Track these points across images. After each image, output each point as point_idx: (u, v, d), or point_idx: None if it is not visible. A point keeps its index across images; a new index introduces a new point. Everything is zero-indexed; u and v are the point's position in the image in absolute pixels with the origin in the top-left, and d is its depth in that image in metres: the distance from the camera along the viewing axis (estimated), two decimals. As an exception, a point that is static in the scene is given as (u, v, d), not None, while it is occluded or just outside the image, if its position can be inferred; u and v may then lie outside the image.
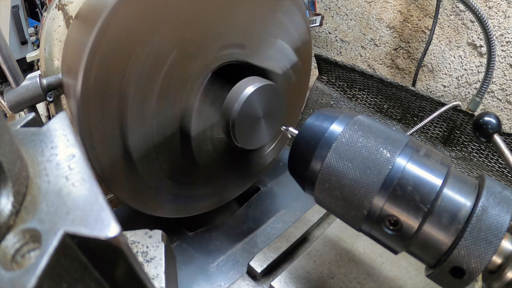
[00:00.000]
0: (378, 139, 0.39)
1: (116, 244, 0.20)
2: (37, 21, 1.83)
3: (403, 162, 0.37)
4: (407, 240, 0.37)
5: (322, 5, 1.46)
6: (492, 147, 0.84)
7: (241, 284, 0.58)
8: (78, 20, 0.54)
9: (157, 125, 0.52)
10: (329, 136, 0.41)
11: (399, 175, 0.36)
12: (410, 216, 0.36)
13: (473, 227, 0.33)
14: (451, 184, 0.37)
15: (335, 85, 1.15)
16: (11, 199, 0.20)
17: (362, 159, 0.38)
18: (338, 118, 0.43)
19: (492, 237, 0.33)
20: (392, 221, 0.37)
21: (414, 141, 0.41)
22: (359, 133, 0.40)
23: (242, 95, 0.53)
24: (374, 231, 0.40)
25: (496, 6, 1.01)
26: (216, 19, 0.53)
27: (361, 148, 0.39)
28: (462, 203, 0.35)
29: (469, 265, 0.34)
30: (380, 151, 0.38)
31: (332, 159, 0.40)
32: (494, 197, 0.35)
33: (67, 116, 0.27)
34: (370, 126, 0.41)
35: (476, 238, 0.33)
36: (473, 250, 0.33)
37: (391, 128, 0.42)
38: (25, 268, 0.18)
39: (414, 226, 0.36)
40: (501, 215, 0.34)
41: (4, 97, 0.53)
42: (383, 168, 0.37)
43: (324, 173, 0.41)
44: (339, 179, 0.39)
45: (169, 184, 0.58)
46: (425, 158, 0.38)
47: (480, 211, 0.34)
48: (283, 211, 0.75)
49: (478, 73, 1.11)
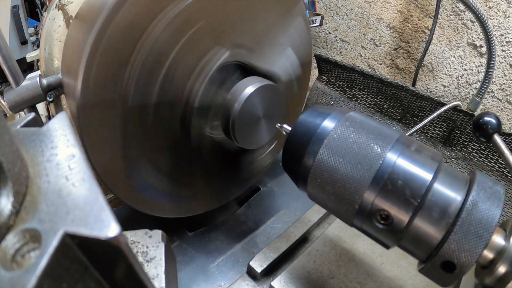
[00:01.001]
0: (369, 134, 0.40)
1: (116, 244, 0.20)
2: (37, 21, 1.83)
3: (393, 157, 0.38)
4: (398, 234, 0.37)
5: (322, 5, 1.46)
6: (492, 147, 0.84)
7: (241, 284, 0.58)
8: (78, 20, 0.54)
9: (157, 124, 0.52)
10: (321, 132, 0.42)
11: (390, 170, 0.37)
12: (401, 210, 0.36)
13: (463, 221, 0.34)
14: (442, 179, 0.37)
15: (335, 85, 1.15)
16: (11, 199, 0.20)
17: (353, 154, 0.39)
18: (330, 115, 0.43)
19: (482, 231, 0.33)
20: (383, 216, 0.37)
21: (405, 137, 0.41)
22: (350, 129, 0.41)
23: (242, 95, 0.53)
24: (366, 225, 0.40)
25: (496, 6, 1.01)
26: (220, 18, 0.53)
27: (352, 144, 0.40)
28: (452, 198, 0.35)
29: (460, 259, 0.34)
30: (371, 146, 0.39)
31: (324, 154, 0.40)
32: (485, 191, 0.35)
33: (67, 116, 0.27)
34: (362, 122, 0.42)
35: (466, 232, 0.33)
36: (463, 244, 0.33)
37: (383, 125, 0.43)
38: (25, 268, 0.18)
39: (405, 220, 0.36)
40: (492, 210, 0.34)
41: (4, 97, 0.53)
42: (374, 163, 0.38)
43: (316, 169, 0.41)
44: (331, 174, 0.40)
45: (169, 184, 0.58)
46: (415, 153, 0.38)
47: (470, 205, 0.34)
48: (283, 211, 0.75)
49: (478, 73, 1.11)
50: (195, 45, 0.52)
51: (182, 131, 0.56)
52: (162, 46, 0.48)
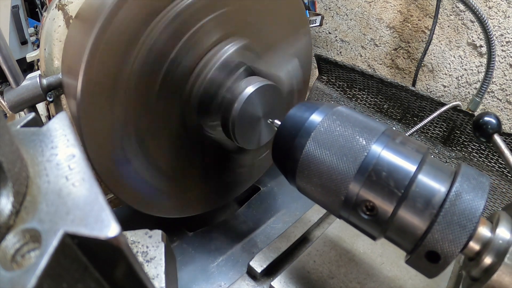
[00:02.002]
0: (355, 128, 0.41)
1: (116, 244, 0.20)
2: (37, 21, 1.83)
3: (378, 149, 0.38)
4: (383, 225, 0.38)
5: (322, 5, 1.46)
6: (492, 147, 0.84)
7: (241, 284, 0.58)
8: (78, 20, 0.54)
9: (157, 124, 0.52)
10: (309, 126, 0.43)
11: (374, 161, 0.38)
12: (385, 200, 0.37)
13: (446, 212, 0.34)
14: (426, 170, 0.37)
15: (335, 85, 1.15)
16: (11, 199, 0.20)
17: (339, 146, 0.40)
18: (318, 109, 0.44)
19: (465, 221, 0.34)
20: (368, 207, 0.38)
21: (391, 130, 0.42)
22: (337, 123, 0.42)
23: (242, 94, 0.53)
24: (352, 217, 0.41)
25: (496, 6, 1.01)
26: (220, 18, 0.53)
27: (338, 137, 0.40)
28: (436, 189, 0.36)
29: (443, 249, 0.34)
30: (357, 139, 0.40)
31: (311, 147, 0.41)
32: (469, 183, 0.36)
33: (67, 116, 0.27)
34: (348, 116, 0.43)
35: (449, 222, 0.34)
36: (447, 234, 0.34)
37: (369, 118, 0.43)
38: (25, 268, 0.18)
39: (389, 211, 0.37)
40: (475, 200, 0.34)
41: (4, 97, 0.53)
42: (359, 155, 0.38)
43: (303, 161, 0.42)
44: (317, 166, 0.41)
45: (168, 184, 0.58)
46: (400, 145, 0.39)
47: (454, 196, 0.35)
48: (283, 211, 0.75)
49: (478, 73, 1.11)
50: (196, 44, 0.52)
51: (182, 131, 0.56)
52: (162, 45, 0.48)
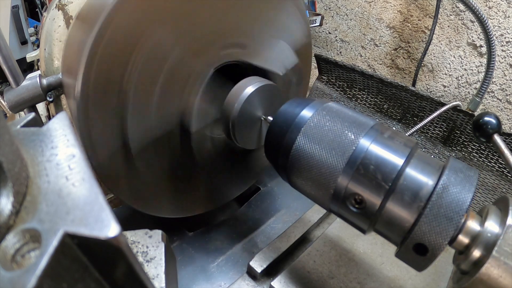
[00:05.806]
0: (344, 122, 0.41)
1: (116, 244, 0.20)
2: (37, 21, 1.83)
3: (366, 143, 0.39)
4: (372, 217, 0.38)
5: (322, 5, 1.46)
6: (492, 147, 0.84)
7: (241, 284, 0.58)
8: (78, 20, 0.54)
9: (157, 125, 0.52)
10: (299, 121, 0.43)
11: (363, 155, 0.38)
12: (373, 193, 0.37)
13: (433, 204, 0.34)
14: (414, 164, 0.38)
15: (335, 85, 1.15)
16: (11, 199, 0.20)
17: (329, 141, 0.40)
18: (309, 105, 0.45)
19: (452, 213, 0.34)
20: (357, 200, 0.39)
21: (380, 124, 0.42)
22: (327, 118, 0.42)
23: (242, 95, 0.53)
24: (342, 210, 0.41)
25: (496, 6, 1.01)
26: (218, 17, 0.53)
27: (327, 131, 0.41)
28: (424, 182, 0.36)
29: (431, 241, 0.35)
30: (346, 133, 0.40)
31: (301, 142, 0.42)
32: (456, 176, 0.36)
33: (67, 116, 0.27)
34: (338, 111, 0.43)
35: (436, 215, 0.34)
36: (434, 227, 0.34)
37: (359, 113, 0.44)
38: (25, 268, 0.18)
39: (377, 204, 0.37)
40: (463, 193, 0.35)
41: (4, 97, 0.53)
42: (347, 149, 0.39)
43: (294, 156, 0.43)
44: (307, 160, 0.42)
45: (168, 184, 0.58)
46: (388, 139, 0.40)
47: (441, 189, 0.35)
48: (283, 211, 0.75)
49: (478, 73, 1.11)
50: (195, 45, 0.52)
51: (183, 130, 0.56)
52: (162, 46, 0.48)
